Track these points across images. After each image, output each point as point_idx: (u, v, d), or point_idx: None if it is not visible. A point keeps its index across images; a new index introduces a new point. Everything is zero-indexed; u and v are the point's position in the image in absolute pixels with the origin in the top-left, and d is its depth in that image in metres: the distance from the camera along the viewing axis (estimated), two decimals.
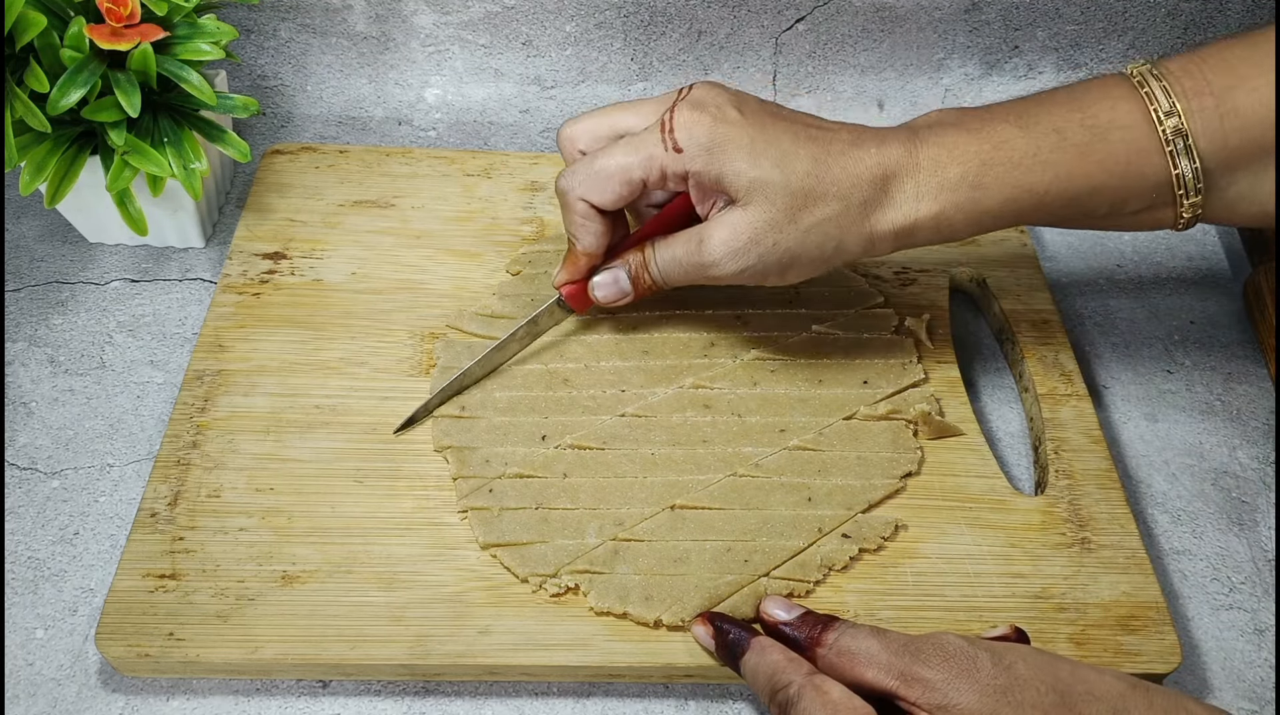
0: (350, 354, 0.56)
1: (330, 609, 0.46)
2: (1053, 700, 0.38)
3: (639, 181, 0.48)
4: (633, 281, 0.52)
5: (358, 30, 0.72)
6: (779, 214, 0.47)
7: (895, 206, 0.47)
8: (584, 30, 0.72)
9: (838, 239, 0.48)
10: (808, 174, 0.46)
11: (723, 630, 0.45)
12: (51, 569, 0.50)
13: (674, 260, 0.50)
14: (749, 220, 0.47)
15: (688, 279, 0.50)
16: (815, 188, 0.46)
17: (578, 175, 0.49)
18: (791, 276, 0.49)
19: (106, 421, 0.55)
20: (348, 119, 0.73)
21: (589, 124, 0.51)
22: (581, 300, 0.54)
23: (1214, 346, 0.64)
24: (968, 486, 0.53)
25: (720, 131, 0.47)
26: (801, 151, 0.47)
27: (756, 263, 0.48)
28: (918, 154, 0.47)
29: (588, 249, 0.51)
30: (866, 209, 0.47)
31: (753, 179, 0.46)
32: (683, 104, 0.48)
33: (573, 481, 0.51)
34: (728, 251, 0.48)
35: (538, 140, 0.73)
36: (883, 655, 0.40)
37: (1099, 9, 0.73)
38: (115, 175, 0.54)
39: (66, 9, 0.53)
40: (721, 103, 0.48)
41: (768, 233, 0.47)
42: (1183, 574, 0.54)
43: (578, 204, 0.50)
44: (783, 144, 0.47)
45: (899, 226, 0.48)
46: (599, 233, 0.51)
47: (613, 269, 0.52)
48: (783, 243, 0.47)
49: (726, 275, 0.48)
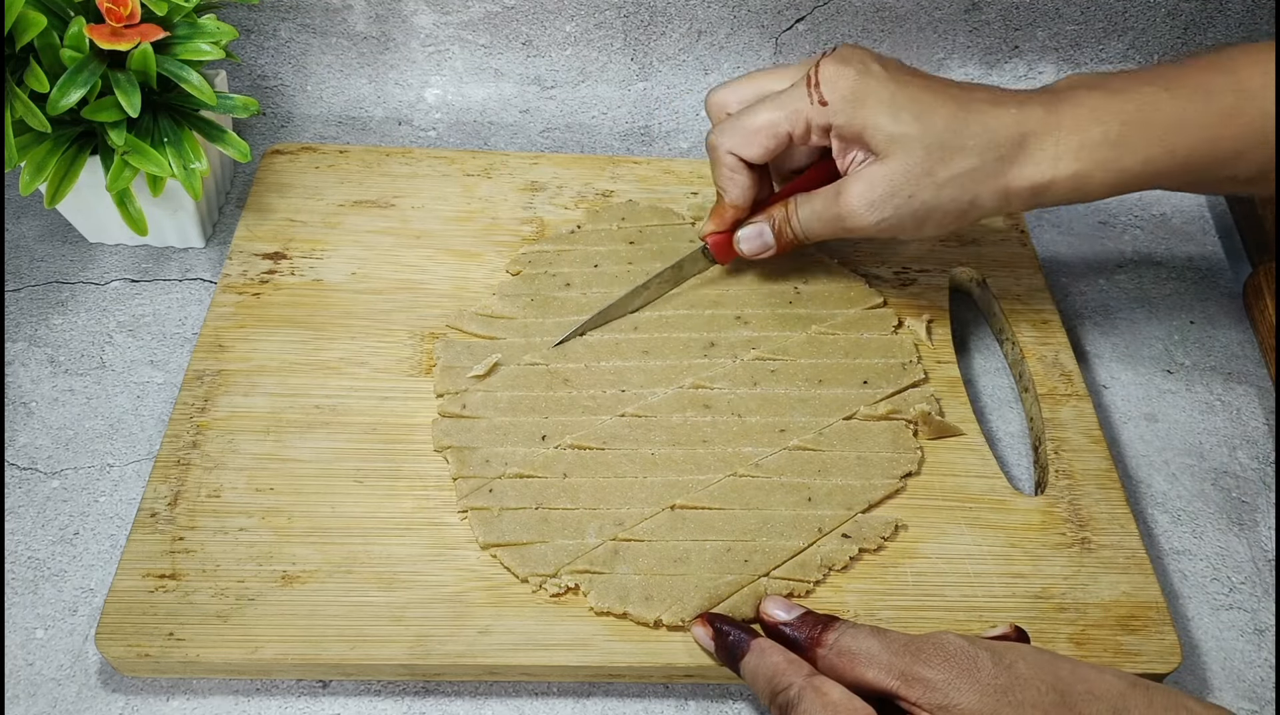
0: (350, 354, 0.56)
1: (330, 609, 0.46)
2: (1053, 699, 0.38)
3: (785, 135, 0.51)
4: (776, 235, 0.55)
5: (358, 30, 0.72)
6: (917, 167, 0.48)
7: (1034, 164, 0.48)
8: (584, 30, 0.72)
9: (973, 194, 0.49)
10: (946, 129, 0.48)
11: (722, 632, 0.45)
12: (51, 569, 0.50)
13: (814, 213, 0.52)
14: (887, 173, 0.49)
15: (828, 232, 0.53)
16: (953, 142, 0.48)
17: (727, 131, 0.52)
18: (928, 229, 0.51)
19: (106, 421, 0.55)
20: (348, 119, 0.73)
21: (735, 88, 0.54)
22: (726, 251, 0.57)
23: (1214, 346, 0.64)
24: (968, 486, 0.53)
25: (863, 85, 0.49)
26: (941, 108, 0.48)
27: (892, 215, 0.50)
28: (1059, 113, 0.48)
29: (734, 202, 0.54)
30: (1004, 165, 0.48)
31: (892, 133, 0.48)
32: (828, 60, 0.50)
33: (573, 481, 0.51)
34: (865, 203, 0.50)
35: (538, 140, 0.73)
36: (883, 655, 0.40)
37: (1099, 9, 0.73)
38: (115, 175, 0.54)
39: (66, 9, 0.53)
40: (865, 59, 0.50)
41: (905, 185, 0.49)
42: (1183, 574, 0.54)
43: (727, 158, 0.53)
44: (923, 100, 0.49)
45: (1036, 183, 0.49)
46: (746, 186, 0.54)
47: (758, 223, 0.55)
48: (919, 196, 0.49)
49: (864, 227, 0.50)
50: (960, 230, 0.51)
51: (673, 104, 0.75)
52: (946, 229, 0.51)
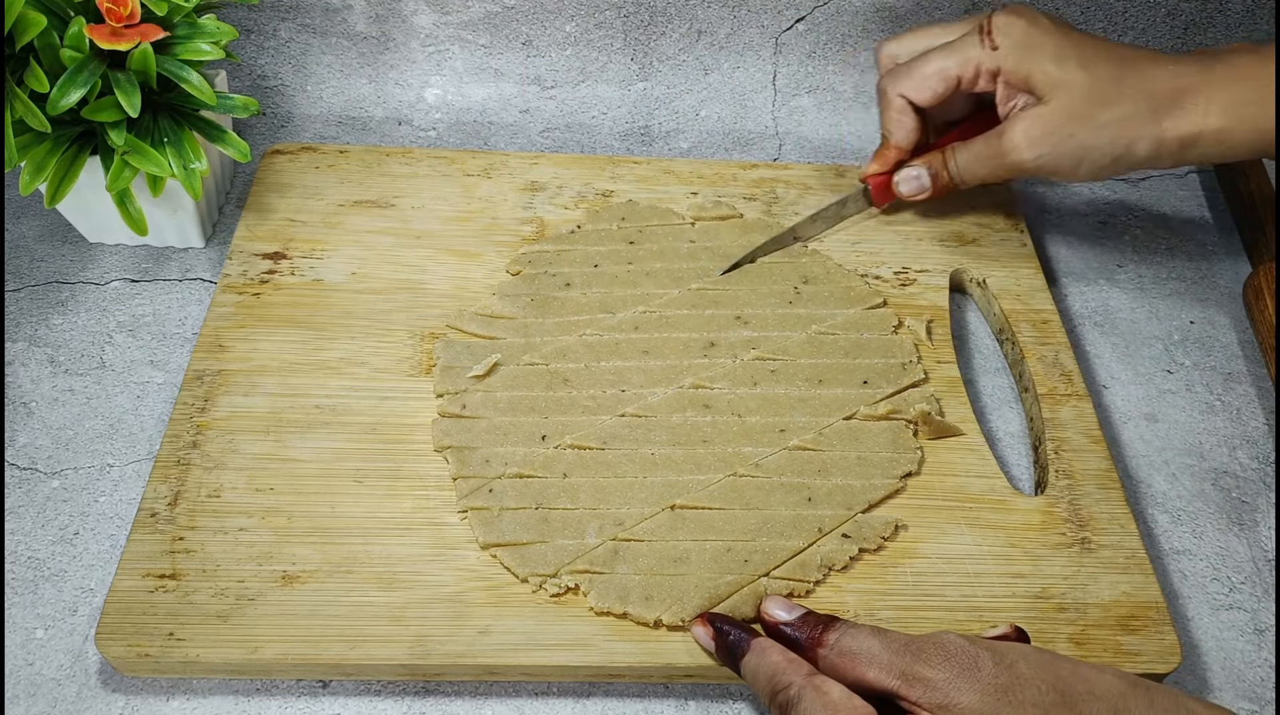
0: (350, 354, 0.56)
1: (330, 609, 0.46)
2: (1054, 699, 0.38)
3: (954, 79, 0.56)
4: (933, 178, 0.60)
5: (358, 30, 0.72)
6: (1078, 110, 0.53)
7: (1185, 117, 0.52)
8: (584, 30, 0.72)
9: (1129, 140, 0.53)
10: (1107, 78, 0.53)
11: (723, 631, 0.45)
12: (51, 569, 0.50)
13: (974, 155, 0.57)
14: (1050, 113, 0.54)
15: (986, 171, 0.58)
16: (1112, 91, 0.53)
17: (899, 75, 0.57)
18: (1083, 171, 0.55)
19: (106, 421, 0.55)
20: (348, 119, 0.73)
21: (906, 40, 0.60)
22: (885, 192, 0.62)
23: (1214, 346, 0.64)
24: (968, 486, 0.53)
25: (1033, 34, 0.54)
26: (1103, 59, 0.53)
27: (1051, 152, 0.54)
28: (1212, 71, 0.52)
29: (899, 143, 0.59)
30: (1158, 116, 0.53)
31: (1057, 77, 0.53)
32: (1001, 12, 0.55)
33: (573, 481, 0.51)
34: (1027, 140, 0.54)
35: (538, 140, 0.73)
36: (884, 655, 0.40)
37: (1099, 9, 0.72)
38: (115, 175, 0.54)
39: (66, 9, 0.53)
40: (1035, 14, 0.55)
41: (1065, 124, 0.53)
42: (1183, 574, 0.54)
43: (896, 100, 0.58)
44: (1086, 50, 0.54)
45: (1185, 135, 0.53)
46: (911, 128, 0.58)
47: (916, 166, 0.60)
48: (1078, 136, 0.53)
49: (1024, 161, 0.55)
50: (1115, 176, 0.57)
51: (673, 104, 0.75)
52: (1100, 173, 0.55)
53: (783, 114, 0.75)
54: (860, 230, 0.64)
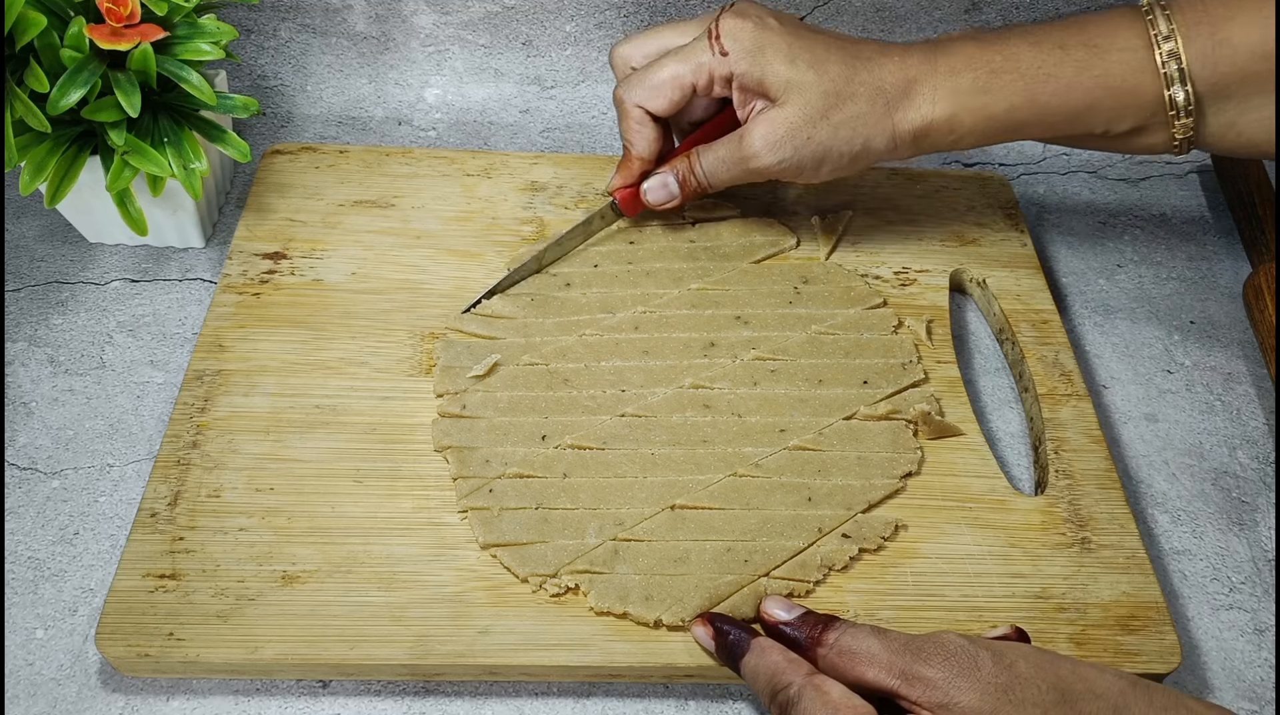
0: (350, 354, 0.56)
1: (330, 609, 0.46)
2: (1054, 698, 0.38)
3: (689, 86, 0.54)
4: (680, 183, 0.58)
5: (358, 30, 0.72)
6: (813, 110, 0.52)
7: (915, 108, 0.53)
8: (584, 30, 0.72)
9: (865, 136, 0.53)
10: (839, 76, 0.52)
11: (723, 631, 0.45)
12: (51, 569, 0.50)
13: (718, 159, 0.56)
14: (785, 116, 0.53)
15: (731, 175, 0.56)
16: (845, 89, 0.52)
17: (633, 84, 0.55)
18: (825, 170, 0.55)
19: (106, 421, 0.55)
20: (348, 119, 0.73)
21: (639, 43, 0.57)
22: (632, 204, 0.59)
23: (1214, 346, 0.64)
24: (968, 486, 0.53)
25: (762, 36, 0.53)
26: (833, 56, 0.53)
27: (792, 155, 0.53)
28: (936, 62, 0.53)
29: (641, 153, 0.57)
30: (890, 109, 0.53)
31: (790, 79, 0.52)
32: (726, 14, 0.54)
33: (573, 481, 0.51)
34: (766, 144, 0.53)
35: (538, 140, 0.73)
36: (884, 655, 0.40)
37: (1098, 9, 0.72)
38: (115, 175, 0.54)
39: (66, 9, 0.53)
40: (761, 13, 0.54)
41: (803, 127, 0.53)
42: (1183, 574, 0.54)
43: (634, 110, 0.56)
44: (816, 50, 0.53)
45: (917, 127, 0.53)
46: (652, 138, 0.57)
47: (662, 174, 0.58)
48: (816, 137, 0.53)
49: (766, 166, 0.54)
50: (853, 175, 0.57)
51: None
52: (842, 172, 0.55)
53: None
54: (860, 230, 0.64)
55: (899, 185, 0.68)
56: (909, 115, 0.53)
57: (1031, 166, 0.75)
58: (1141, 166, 0.75)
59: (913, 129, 0.53)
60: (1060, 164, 0.75)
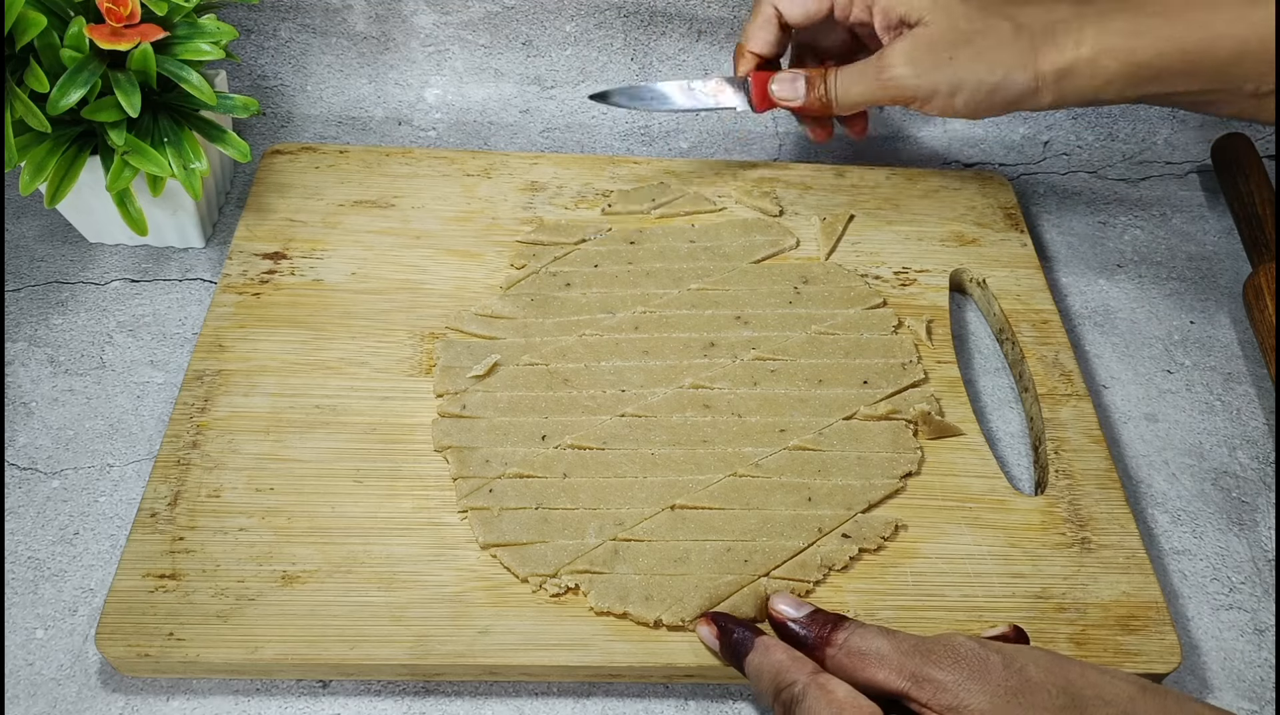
0: (350, 354, 0.56)
1: (330, 609, 0.46)
2: (1063, 703, 0.38)
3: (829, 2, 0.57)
4: (808, 85, 0.59)
5: (358, 30, 0.72)
6: (958, 34, 0.54)
7: (1059, 49, 0.53)
8: (584, 30, 0.72)
9: (1005, 69, 0.54)
10: (985, 7, 0.54)
11: (727, 630, 0.45)
12: (51, 569, 0.50)
13: (852, 75, 0.57)
14: (929, 35, 0.54)
15: (862, 92, 0.57)
16: (990, 19, 0.54)
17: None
18: (959, 101, 0.55)
19: (106, 421, 0.55)
20: (348, 119, 0.73)
21: None
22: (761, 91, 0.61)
23: (1214, 346, 0.64)
24: (968, 486, 0.53)
25: None
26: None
27: (929, 74, 0.54)
28: (1085, 6, 0.53)
29: (753, 48, 0.59)
30: (1035, 46, 0.53)
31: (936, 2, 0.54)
32: None
33: (573, 481, 0.51)
34: (904, 58, 0.54)
35: (538, 140, 0.73)
36: (894, 656, 0.40)
37: None
38: (115, 175, 0.54)
39: (66, 9, 0.53)
40: None
41: (945, 48, 0.54)
42: (1183, 574, 0.54)
43: (767, 8, 0.58)
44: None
45: (1060, 67, 0.53)
46: (769, 41, 0.59)
47: (794, 72, 0.60)
48: (957, 59, 0.54)
49: (901, 82, 0.55)
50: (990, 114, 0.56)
51: None
52: (978, 105, 0.55)
53: (783, 114, 0.75)
54: (860, 230, 0.64)
55: (899, 185, 0.68)
56: (1051, 56, 0.53)
57: (1031, 166, 0.75)
58: (1141, 166, 0.75)
59: (1055, 68, 0.53)
60: (1060, 164, 0.75)
